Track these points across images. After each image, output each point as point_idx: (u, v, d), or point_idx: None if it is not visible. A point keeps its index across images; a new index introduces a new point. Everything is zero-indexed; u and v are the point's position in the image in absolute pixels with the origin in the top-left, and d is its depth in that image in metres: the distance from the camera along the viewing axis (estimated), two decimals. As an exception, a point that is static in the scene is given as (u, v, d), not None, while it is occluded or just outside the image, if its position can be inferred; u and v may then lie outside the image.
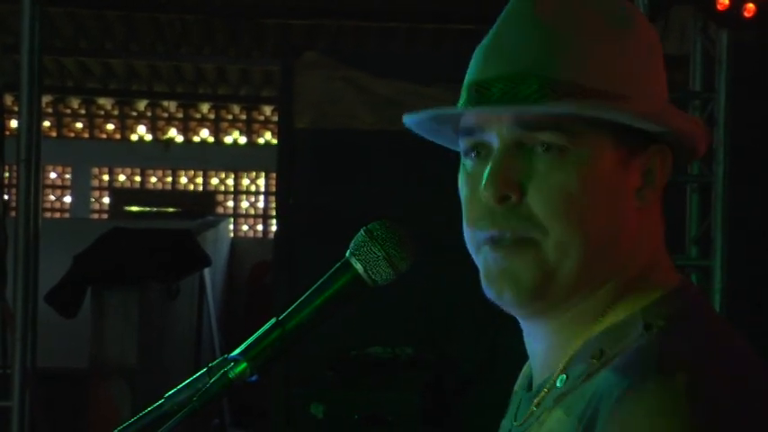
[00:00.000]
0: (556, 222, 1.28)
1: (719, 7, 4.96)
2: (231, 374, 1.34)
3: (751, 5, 4.89)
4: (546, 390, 1.31)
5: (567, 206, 1.28)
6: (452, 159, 1.41)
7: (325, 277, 1.37)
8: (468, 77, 1.34)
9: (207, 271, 10.18)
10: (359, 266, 1.35)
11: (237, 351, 1.35)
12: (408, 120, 1.36)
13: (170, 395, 1.36)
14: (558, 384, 1.30)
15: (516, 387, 1.48)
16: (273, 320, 1.36)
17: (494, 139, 1.31)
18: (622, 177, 1.29)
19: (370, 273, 1.35)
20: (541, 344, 1.36)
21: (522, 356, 1.48)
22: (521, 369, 1.49)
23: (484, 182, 1.29)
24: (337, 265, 1.37)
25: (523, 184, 1.29)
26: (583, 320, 1.31)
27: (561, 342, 1.32)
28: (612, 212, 1.29)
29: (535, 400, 1.34)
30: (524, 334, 1.38)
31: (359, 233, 1.37)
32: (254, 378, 1.35)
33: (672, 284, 1.31)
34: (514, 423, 1.38)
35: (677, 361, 1.18)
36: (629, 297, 1.29)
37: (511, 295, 1.30)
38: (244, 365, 1.34)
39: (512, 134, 1.30)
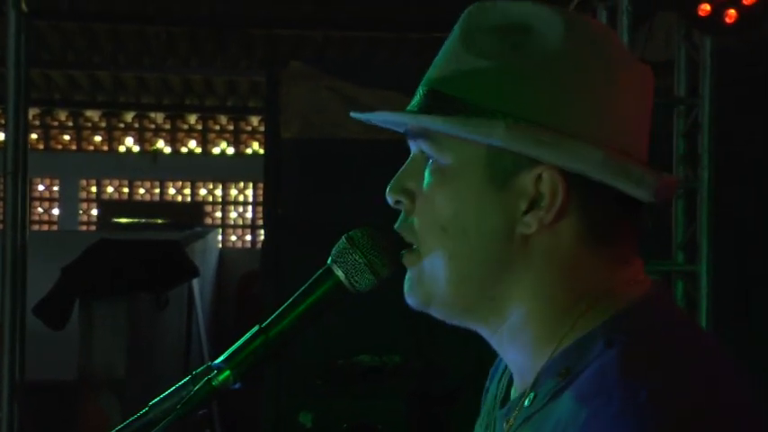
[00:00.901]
0: (424, 234, 1.31)
1: (701, 13, 4.98)
2: (215, 382, 1.35)
3: (732, 11, 4.92)
4: (517, 409, 1.31)
5: (436, 223, 1.29)
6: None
7: (307, 284, 1.38)
8: None
9: (196, 281, 10.17)
10: (340, 273, 1.36)
11: (221, 359, 1.36)
12: (371, 118, 1.39)
13: (154, 403, 1.37)
14: (526, 403, 1.29)
15: (487, 385, 1.50)
16: (256, 328, 1.37)
17: (412, 148, 1.36)
18: (497, 198, 1.27)
19: (351, 279, 1.36)
20: (508, 357, 1.36)
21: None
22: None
23: (388, 186, 1.35)
24: (319, 272, 1.38)
25: (414, 193, 1.33)
26: (542, 341, 1.29)
27: (528, 359, 1.31)
28: (483, 233, 1.27)
29: (506, 420, 1.33)
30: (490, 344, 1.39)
31: (340, 240, 1.38)
32: (237, 386, 1.36)
33: (636, 297, 1.28)
34: None
35: (638, 378, 1.17)
36: (590, 313, 1.27)
37: (411, 304, 1.34)
38: (227, 373, 1.35)
39: (413, 143, 1.35)
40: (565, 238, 1.28)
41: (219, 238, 15.87)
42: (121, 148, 16.95)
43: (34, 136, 16.20)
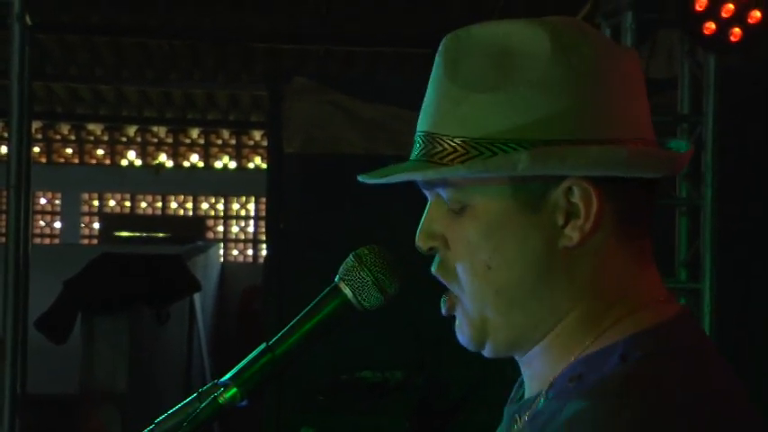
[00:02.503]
0: (465, 275, 1.30)
1: (706, 32, 4.98)
2: (221, 400, 1.34)
3: (737, 30, 4.92)
4: (529, 410, 1.32)
5: (471, 259, 1.29)
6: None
7: (314, 302, 1.38)
8: None
9: (197, 296, 10.17)
10: (348, 291, 1.36)
11: (228, 376, 1.36)
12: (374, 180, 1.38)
13: (160, 420, 1.37)
14: (538, 406, 1.30)
15: (512, 397, 1.50)
16: (263, 345, 1.37)
17: (427, 194, 1.36)
18: (533, 221, 1.27)
19: (359, 297, 1.36)
20: (529, 370, 1.37)
21: (512, 379, 1.49)
22: (510, 392, 1.50)
23: (417, 235, 1.34)
24: (326, 290, 1.38)
25: (446, 237, 1.32)
26: (568, 349, 1.30)
27: (549, 368, 1.32)
28: (526, 258, 1.28)
29: (517, 417, 1.35)
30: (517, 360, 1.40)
31: (348, 258, 1.38)
32: (244, 403, 1.36)
33: (663, 318, 1.29)
34: None
35: (639, 393, 1.18)
36: (614, 328, 1.28)
37: (466, 346, 1.35)
38: (234, 390, 1.34)
39: (427, 190, 1.35)
40: (605, 241, 1.29)
41: (221, 252, 15.88)
42: (123, 162, 16.96)
43: (37, 149, 16.22)
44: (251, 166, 16.97)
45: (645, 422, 1.16)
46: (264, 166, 14.13)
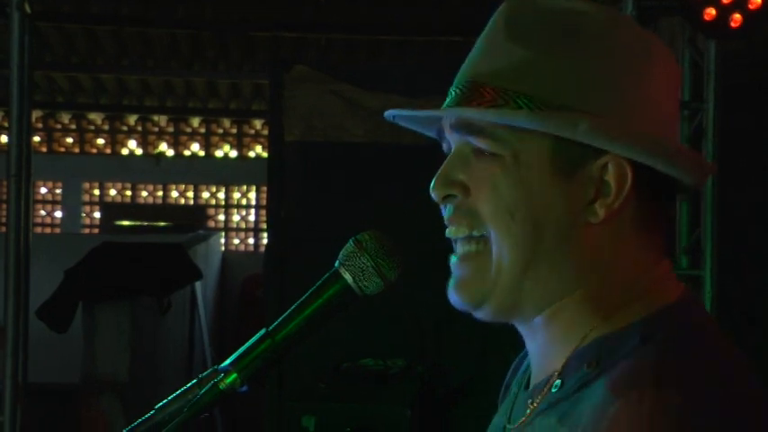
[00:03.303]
0: (493, 221, 1.29)
1: (706, 18, 4.98)
2: (221, 385, 1.34)
3: (738, 16, 4.91)
4: (541, 393, 1.31)
5: (502, 207, 1.29)
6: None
7: (314, 288, 1.37)
8: None
9: (198, 285, 10.17)
10: (348, 277, 1.36)
11: (227, 362, 1.36)
12: (398, 119, 1.39)
13: (161, 406, 1.36)
14: (552, 390, 1.29)
15: (508, 381, 1.49)
16: (263, 331, 1.36)
17: (451, 143, 1.35)
18: (564, 188, 1.28)
19: (359, 283, 1.36)
20: (533, 344, 1.36)
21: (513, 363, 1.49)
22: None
23: (432, 183, 1.33)
24: (326, 275, 1.37)
25: (467, 185, 1.31)
26: (573, 327, 1.30)
27: (555, 344, 1.32)
28: (549, 221, 1.28)
29: (530, 403, 1.34)
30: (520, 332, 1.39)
31: (348, 243, 1.38)
32: (244, 389, 1.36)
33: (672, 298, 1.30)
34: (508, 425, 1.39)
35: (673, 380, 1.18)
36: (626, 308, 1.28)
37: (460, 304, 1.34)
38: (234, 376, 1.34)
39: (455, 139, 1.34)
40: (623, 226, 1.30)
41: (222, 241, 15.87)
42: (124, 151, 16.95)
43: (37, 139, 16.21)
44: (252, 155, 16.96)
45: (686, 416, 1.16)
46: (265, 155, 14.12)
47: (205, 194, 17.37)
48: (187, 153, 16.99)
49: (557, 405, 1.28)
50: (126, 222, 16.12)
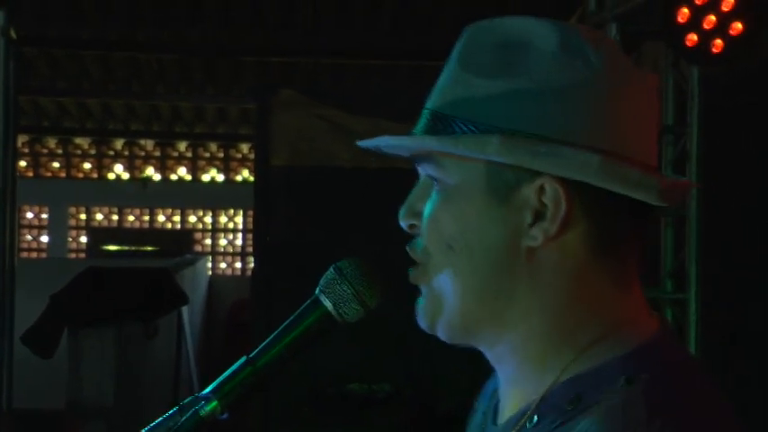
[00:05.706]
0: (432, 252, 1.31)
1: (688, 44, 5.00)
2: (202, 412, 1.34)
3: (719, 41, 4.94)
4: (515, 428, 1.29)
5: (442, 240, 1.29)
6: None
7: (295, 315, 1.37)
8: None
9: (185, 309, 10.14)
10: (328, 303, 1.36)
11: (208, 389, 1.36)
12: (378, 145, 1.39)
13: (141, 434, 1.36)
14: (527, 425, 1.27)
15: (477, 406, 1.49)
16: (244, 358, 1.37)
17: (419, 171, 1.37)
18: (501, 212, 1.26)
19: (339, 310, 1.36)
20: (502, 374, 1.36)
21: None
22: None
23: (399, 212, 1.35)
24: (307, 302, 1.37)
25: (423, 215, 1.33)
26: (545, 361, 1.28)
27: (528, 378, 1.30)
28: (487, 248, 1.27)
29: None
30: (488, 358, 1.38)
31: (328, 270, 1.38)
32: (225, 416, 1.36)
33: (648, 333, 1.28)
34: None
35: (664, 417, 1.16)
36: (600, 343, 1.26)
37: (422, 326, 1.35)
38: (214, 404, 1.34)
39: (420, 167, 1.35)
40: (573, 250, 1.26)
41: (209, 265, 15.85)
42: (111, 176, 16.94)
43: (23, 163, 16.19)
44: (239, 178, 16.97)
45: None
46: (252, 179, 14.13)
47: (192, 218, 17.36)
48: (174, 177, 17.00)
49: None
50: (113, 247, 16.09)
